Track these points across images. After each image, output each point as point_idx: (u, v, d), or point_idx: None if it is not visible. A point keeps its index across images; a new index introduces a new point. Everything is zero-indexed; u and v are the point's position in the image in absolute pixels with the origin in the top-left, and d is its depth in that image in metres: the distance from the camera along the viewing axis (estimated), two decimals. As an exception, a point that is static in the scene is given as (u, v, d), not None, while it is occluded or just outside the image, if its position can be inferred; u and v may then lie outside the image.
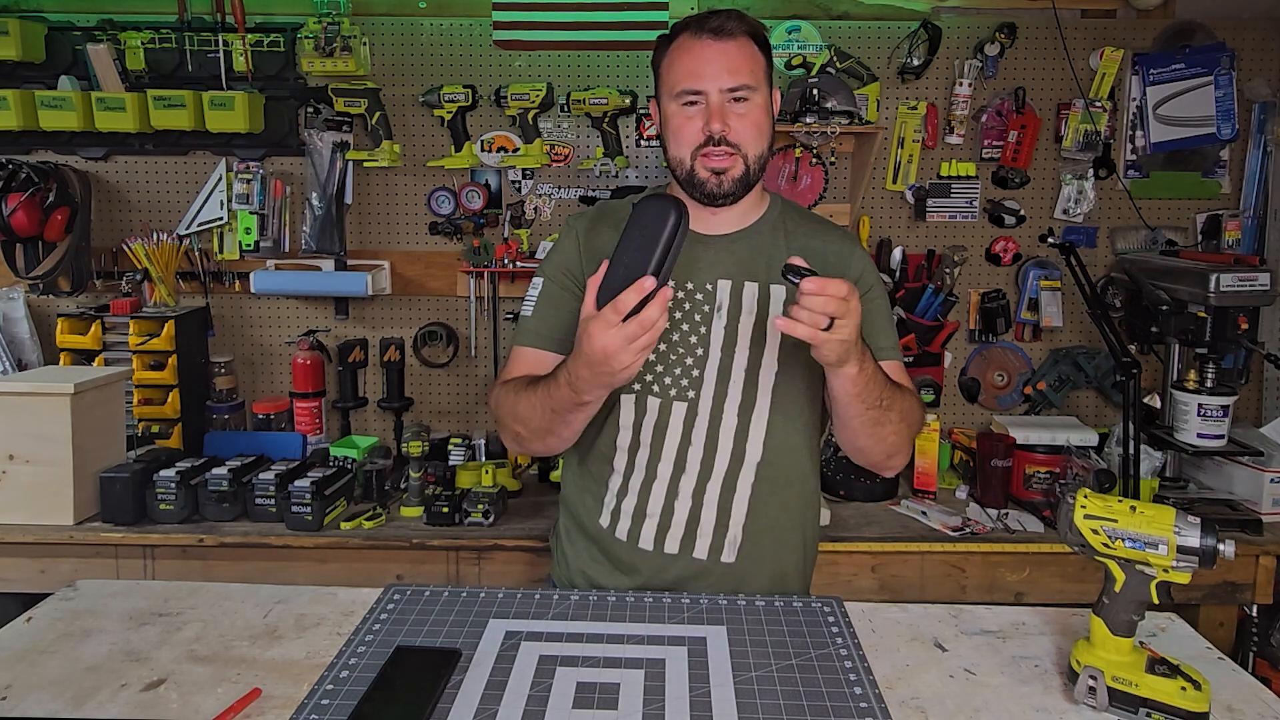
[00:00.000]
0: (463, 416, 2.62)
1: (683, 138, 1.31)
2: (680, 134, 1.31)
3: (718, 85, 1.28)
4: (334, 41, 2.32)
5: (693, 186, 1.33)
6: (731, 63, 1.28)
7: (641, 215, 1.09)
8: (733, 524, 1.34)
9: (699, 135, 1.29)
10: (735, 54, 1.28)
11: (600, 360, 1.09)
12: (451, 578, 2.05)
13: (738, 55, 1.29)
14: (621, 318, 1.06)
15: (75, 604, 1.25)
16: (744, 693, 1.01)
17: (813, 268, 1.09)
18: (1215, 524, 0.99)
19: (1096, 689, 1.02)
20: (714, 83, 1.28)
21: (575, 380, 1.16)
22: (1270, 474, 2.08)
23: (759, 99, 1.31)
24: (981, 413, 2.60)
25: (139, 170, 2.53)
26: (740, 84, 1.28)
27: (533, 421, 1.27)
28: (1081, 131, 2.45)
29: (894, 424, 1.28)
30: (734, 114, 1.29)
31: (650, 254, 1.07)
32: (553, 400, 1.22)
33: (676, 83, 1.30)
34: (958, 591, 2.05)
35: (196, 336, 2.44)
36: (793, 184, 2.49)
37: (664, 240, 1.07)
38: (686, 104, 1.30)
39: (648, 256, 1.07)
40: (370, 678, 1.03)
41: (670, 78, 1.32)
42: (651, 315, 1.06)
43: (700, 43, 1.29)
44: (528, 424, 1.29)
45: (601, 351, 1.08)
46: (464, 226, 2.48)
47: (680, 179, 1.35)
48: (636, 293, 1.06)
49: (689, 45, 1.30)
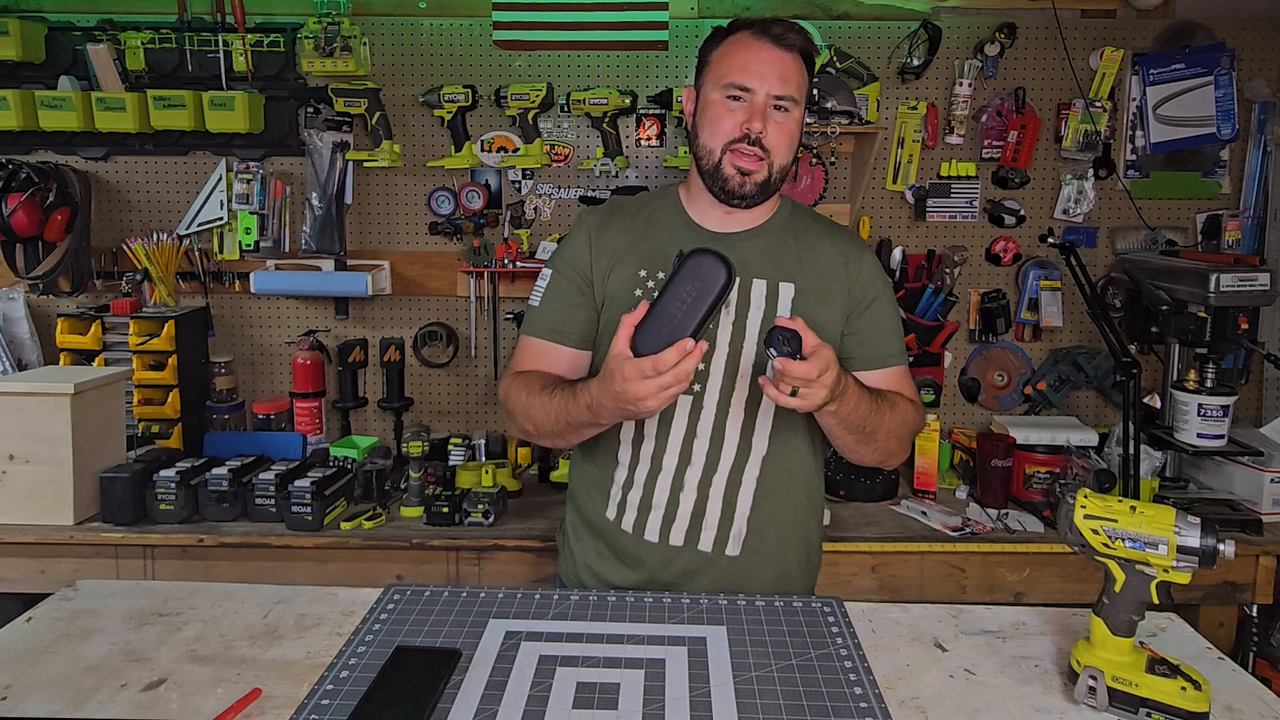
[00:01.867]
0: (463, 416, 2.62)
1: (719, 128, 1.33)
2: (717, 124, 1.33)
3: (767, 88, 1.31)
4: (334, 41, 2.32)
5: (715, 180, 1.35)
6: (785, 71, 1.31)
7: (694, 269, 1.11)
8: (738, 517, 1.36)
9: (736, 130, 1.32)
10: (790, 65, 1.32)
11: (628, 401, 1.13)
12: (451, 578, 2.05)
13: (791, 66, 1.32)
14: (658, 374, 1.10)
15: (75, 604, 1.25)
16: (744, 693, 1.01)
17: (796, 330, 1.12)
18: (1215, 524, 0.99)
19: (1096, 689, 1.02)
20: (764, 84, 1.31)
21: (597, 407, 1.20)
22: (1270, 474, 2.08)
23: (797, 114, 1.34)
24: (981, 413, 2.60)
25: (139, 170, 2.53)
26: (787, 94, 1.32)
27: (545, 425, 1.31)
28: (1081, 131, 2.45)
29: (880, 440, 1.33)
30: (774, 120, 1.32)
31: (696, 314, 1.10)
32: (569, 415, 1.26)
33: (727, 74, 1.32)
34: (958, 591, 2.05)
35: (196, 336, 2.44)
36: (793, 184, 2.49)
37: (711, 302, 1.10)
38: (731, 97, 1.32)
39: (693, 317, 1.10)
40: (370, 678, 1.03)
41: (721, 68, 1.34)
42: (686, 369, 1.10)
43: (761, 44, 1.32)
44: (539, 426, 1.33)
45: (632, 395, 1.12)
46: (464, 226, 2.48)
47: (705, 169, 1.36)
48: (678, 354, 1.09)
49: (748, 42, 1.33)
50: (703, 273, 1.11)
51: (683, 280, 1.11)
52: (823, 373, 1.12)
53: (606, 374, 1.16)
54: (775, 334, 1.11)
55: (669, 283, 1.12)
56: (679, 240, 1.39)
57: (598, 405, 1.19)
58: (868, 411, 1.28)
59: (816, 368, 1.12)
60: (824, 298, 1.38)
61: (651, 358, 1.09)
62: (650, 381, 1.10)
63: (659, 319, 1.11)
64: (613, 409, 1.17)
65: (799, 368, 1.11)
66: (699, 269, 1.11)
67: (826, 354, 1.13)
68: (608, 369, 1.15)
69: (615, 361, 1.13)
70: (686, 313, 1.10)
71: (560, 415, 1.27)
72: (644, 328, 1.12)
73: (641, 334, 1.12)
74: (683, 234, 1.40)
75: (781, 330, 1.11)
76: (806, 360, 1.12)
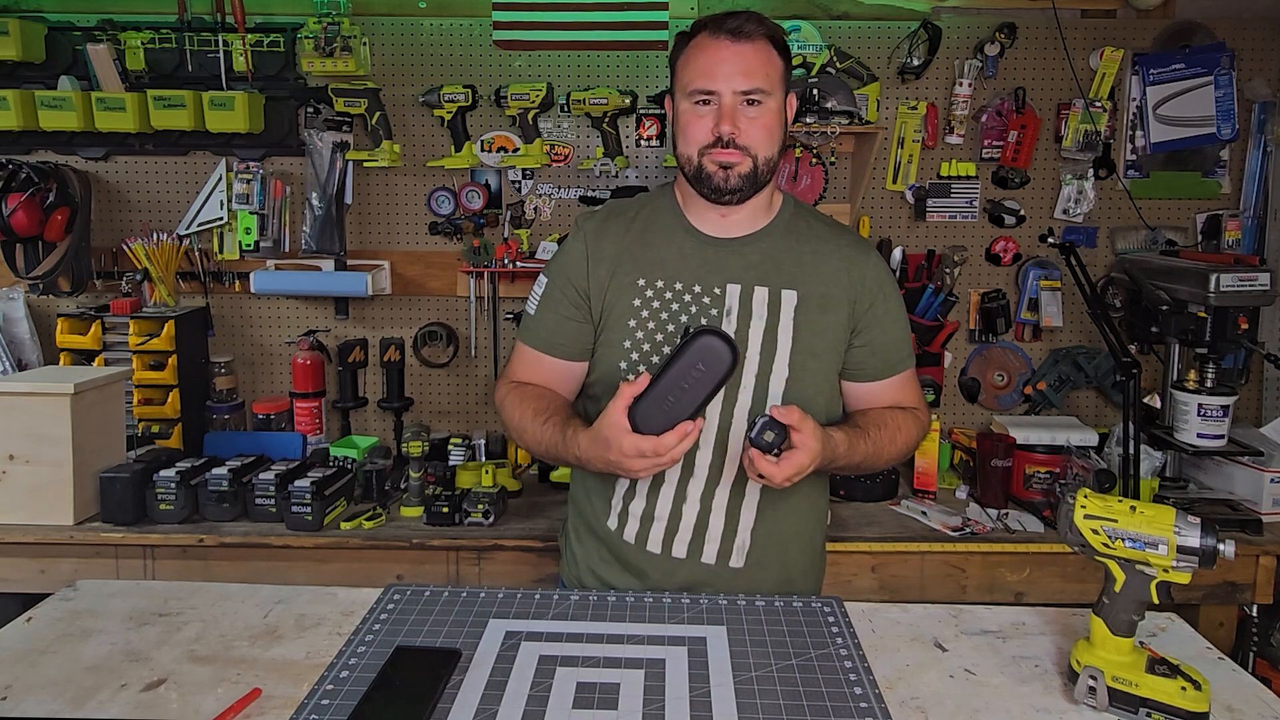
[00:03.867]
0: (463, 416, 2.62)
1: (691, 136, 1.31)
2: (689, 132, 1.31)
3: (731, 87, 1.27)
4: (334, 41, 2.32)
5: (699, 182, 1.32)
6: (747, 65, 1.27)
7: (701, 350, 1.12)
8: (741, 529, 1.35)
9: (708, 135, 1.29)
10: (752, 56, 1.27)
11: (621, 469, 1.17)
12: (451, 578, 2.05)
13: (754, 58, 1.27)
14: (657, 455, 1.12)
15: (75, 604, 1.25)
16: (744, 693, 1.01)
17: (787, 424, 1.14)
18: (1215, 524, 0.99)
19: (1096, 689, 1.02)
20: (727, 84, 1.27)
21: (586, 461, 1.23)
22: (1270, 474, 2.08)
23: (772, 103, 1.30)
24: (981, 413, 2.60)
25: (139, 170, 2.53)
26: (754, 87, 1.27)
27: (536, 450, 1.35)
28: (1081, 131, 2.45)
29: (880, 467, 1.37)
30: (745, 116, 1.28)
31: (698, 397, 1.12)
32: (558, 454, 1.30)
33: (692, 80, 1.29)
34: (958, 591, 2.05)
35: (196, 336, 2.44)
36: (793, 184, 2.49)
37: (714, 386, 1.12)
38: (699, 103, 1.29)
39: (695, 399, 1.12)
40: (370, 678, 1.03)
41: (685, 76, 1.31)
42: (681, 450, 1.13)
43: (717, 43, 1.28)
44: (530, 448, 1.36)
45: (626, 467, 1.16)
46: (464, 226, 2.48)
47: (688, 175, 1.34)
48: (678, 437, 1.12)
49: (706, 44, 1.29)
50: (708, 355, 1.11)
51: (688, 359, 1.12)
52: (790, 478, 1.15)
53: (601, 440, 1.16)
54: (762, 423, 1.13)
55: (673, 359, 1.12)
56: (678, 245, 1.36)
57: (587, 460, 1.22)
58: (861, 458, 1.30)
59: (783, 474, 1.14)
60: (827, 304, 1.35)
61: (652, 440, 1.12)
62: (646, 460, 1.13)
63: (660, 394, 1.12)
64: (601, 468, 1.20)
65: (768, 468, 1.14)
66: (705, 351, 1.11)
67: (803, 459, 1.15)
68: (603, 436, 1.16)
69: (612, 431, 1.14)
70: (689, 393, 1.12)
71: (550, 449, 1.30)
72: (644, 401, 1.13)
73: (640, 406, 1.13)
74: (682, 239, 1.37)
75: (770, 422, 1.13)
76: (778, 462, 1.14)
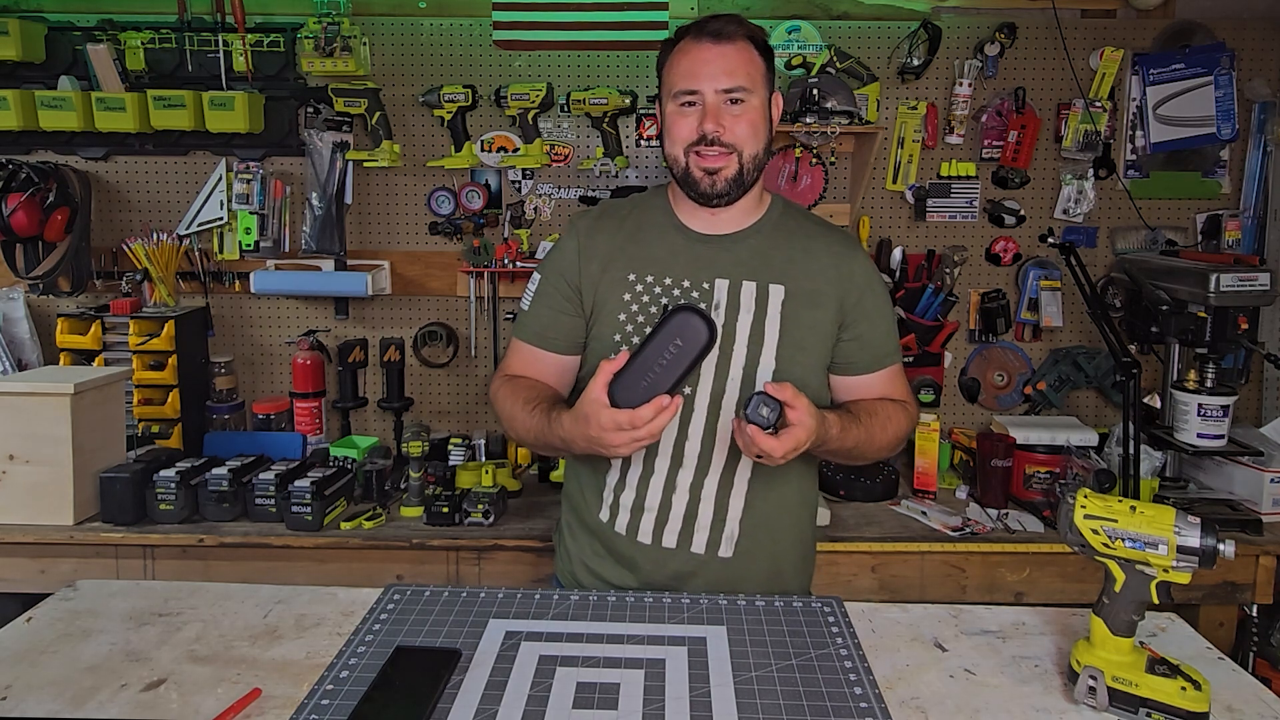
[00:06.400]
0: (463, 416, 2.62)
1: (677, 135, 1.34)
2: (674, 131, 1.35)
3: (713, 86, 1.31)
4: (334, 41, 2.32)
5: (688, 185, 1.36)
6: (728, 65, 1.31)
7: (679, 325, 1.13)
8: (730, 519, 1.37)
9: (693, 133, 1.32)
10: (733, 57, 1.31)
11: (600, 445, 1.17)
12: (451, 578, 2.05)
13: (735, 58, 1.32)
14: (634, 429, 1.13)
15: (75, 604, 1.25)
16: (744, 693, 1.01)
17: (781, 400, 1.14)
18: (1215, 524, 0.99)
19: (1096, 689, 1.02)
20: (710, 84, 1.31)
21: (570, 441, 1.24)
22: (1270, 474, 2.08)
23: (755, 101, 1.33)
24: (981, 413, 2.60)
25: (139, 170, 2.53)
26: (736, 85, 1.31)
27: (526, 439, 1.37)
28: (1081, 131, 2.45)
29: (870, 456, 1.39)
30: (729, 115, 1.32)
31: (675, 372, 1.13)
32: (545, 439, 1.31)
33: (676, 83, 1.34)
34: (958, 591, 2.05)
35: (196, 336, 2.44)
36: (793, 184, 2.49)
37: (691, 361, 1.13)
38: (684, 104, 1.34)
39: (673, 374, 1.13)
40: (370, 678, 1.03)
41: (669, 79, 1.36)
42: (660, 424, 1.13)
43: (699, 45, 1.32)
44: (521, 438, 1.38)
45: (607, 442, 1.16)
46: (464, 226, 2.48)
47: (676, 176, 1.38)
48: (654, 410, 1.12)
49: (688, 48, 1.34)
50: (686, 331, 1.13)
51: (666, 335, 1.13)
52: (788, 454, 1.16)
53: (582, 417, 1.18)
54: (757, 399, 1.14)
55: (652, 335, 1.14)
56: (669, 243, 1.40)
57: (570, 440, 1.23)
58: (854, 443, 1.31)
59: (783, 448, 1.15)
60: (815, 299, 1.38)
61: (629, 413, 1.12)
62: (624, 434, 1.14)
63: (638, 370, 1.14)
64: (584, 447, 1.21)
65: (768, 442, 1.14)
66: (683, 326, 1.13)
67: (800, 434, 1.15)
68: (583, 412, 1.17)
69: (592, 408, 1.15)
70: (666, 369, 1.13)
71: (538, 435, 1.32)
72: (623, 377, 1.14)
73: (620, 383, 1.14)
74: (672, 237, 1.41)
75: (765, 398, 1.14)
76: (777, 436, 1.15)
